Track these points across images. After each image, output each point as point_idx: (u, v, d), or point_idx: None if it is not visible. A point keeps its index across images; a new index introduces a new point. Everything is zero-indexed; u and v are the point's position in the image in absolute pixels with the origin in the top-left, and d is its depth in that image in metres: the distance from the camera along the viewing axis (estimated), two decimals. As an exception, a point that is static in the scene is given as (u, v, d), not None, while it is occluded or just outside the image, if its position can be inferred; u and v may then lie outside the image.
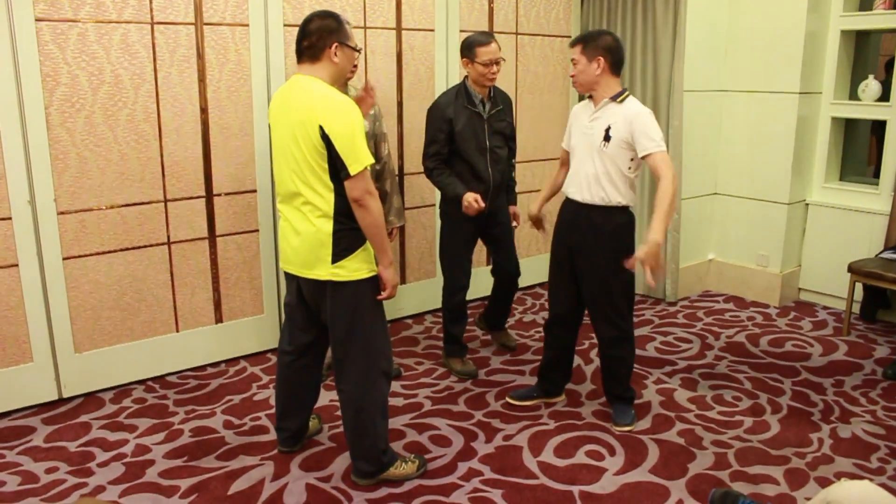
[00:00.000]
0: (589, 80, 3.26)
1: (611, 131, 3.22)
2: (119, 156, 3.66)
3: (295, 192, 2.77)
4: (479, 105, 3.77)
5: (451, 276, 3.98)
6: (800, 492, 2.96)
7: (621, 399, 3.54)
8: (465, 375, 4.00)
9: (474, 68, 3.69)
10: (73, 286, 3.63)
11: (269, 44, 4.00)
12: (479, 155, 3.78)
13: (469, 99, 3.76)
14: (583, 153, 3.33)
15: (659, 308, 5.15)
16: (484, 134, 3.79)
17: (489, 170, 3.81)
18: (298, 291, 2.98)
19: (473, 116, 3.76)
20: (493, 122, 3.82)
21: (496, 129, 3.85)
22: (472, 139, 3.75)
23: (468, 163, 3.77)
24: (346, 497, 2.93)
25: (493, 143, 3.82)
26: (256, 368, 4.10)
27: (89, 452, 3.24)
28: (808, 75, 4.95)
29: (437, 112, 3.76)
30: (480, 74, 3.69)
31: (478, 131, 3.77)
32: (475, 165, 3.78)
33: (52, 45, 3.40)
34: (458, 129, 3.72)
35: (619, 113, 3.22)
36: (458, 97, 3.76)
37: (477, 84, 3.75)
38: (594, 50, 3.21)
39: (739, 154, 5.31)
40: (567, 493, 2.95)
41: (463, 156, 3.77)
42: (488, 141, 3.80)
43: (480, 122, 3.78)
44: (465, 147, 3.74)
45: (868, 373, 4.08)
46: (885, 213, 4.77)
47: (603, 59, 3.20)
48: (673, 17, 4.86)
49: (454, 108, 3.73)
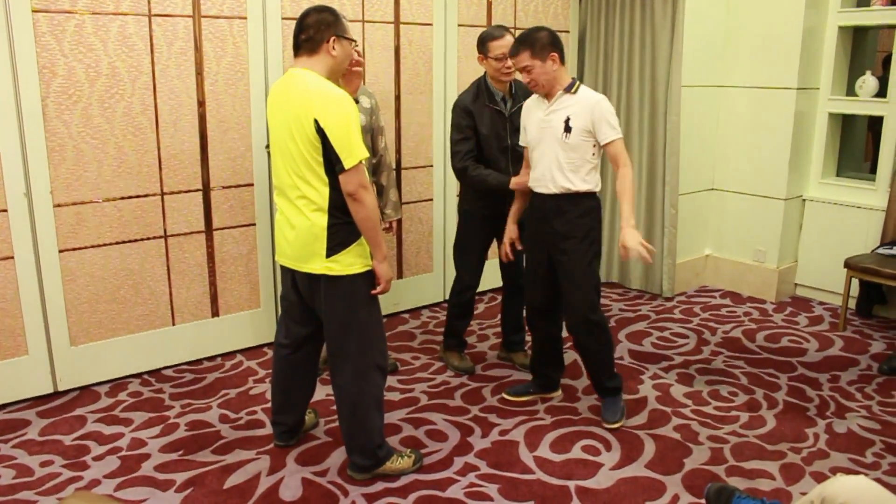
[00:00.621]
0: (549, 80, 3.24)
1: (570, 122, 3.22)
2: (116, 148, 3.65)
3: (290, 185, 2.76)
4: (501, 103, 3.69)
5: (462, 275, 3.95)
6: (795, 487, 2.97)
7: (608, 390, 3.49)
8: (463, 371, 3.99)
9: (489, 64, 3.62)
10: (69, 279, 3.62)
11: (267, 37, 3.99)
12: (500, 154, 3.70)
13: (490, 97, 3.67)
14: (544, 146, 3.31)
15: (655, 303, 5.15)
16: (506, 132, 3.70)
17: (510, 168, 3.71)
18: (294, 285, 2.98)
19: (495, 115, 3.67)
20: (516, 118, 3.66)
21: (518, 126, 3.64)
22: (493, 139, 3.67)
23: (488, 161, 3.70)
24: (342, 491, 2.93)
25: (515, 141, 3.67)
26: (253, 362, 4.10)
27: (84, 446, 3.23)
28: (805, 71, 4.95)
29: (461, 111, 3.67)
30: (496, 70, 3.60)
31: (499, 130, 3.69)
32: (496, 164, 3.69)
33: (48, 36, 3.39)
34: (482, 128, 3.66)
35: (577, 103, 3.23)
36: (479, 95, 3.68)
37: (495, 80, 3.67)
38: (543, 49, 3.20)
39: (737, 149, 5.32)
40: (563, 488, 2.95)
41: (484, 155, 3.70)
42: (510, 139, 3.70)
43: (502, 120, 3.69)
44: (488, 147, 3.67)
45: (864, 368, 4.09)
46: (881, 209, 4.78)
47: (555, 54, 3.21)
48: (671, 13, 4.85)
49: (476, 106, 3.65)
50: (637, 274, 5.39)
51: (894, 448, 3.27)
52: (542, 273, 3.46)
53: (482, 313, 4.89)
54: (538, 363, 3.68)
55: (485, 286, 4.66)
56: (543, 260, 3.44)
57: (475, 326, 4.60)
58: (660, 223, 5.16)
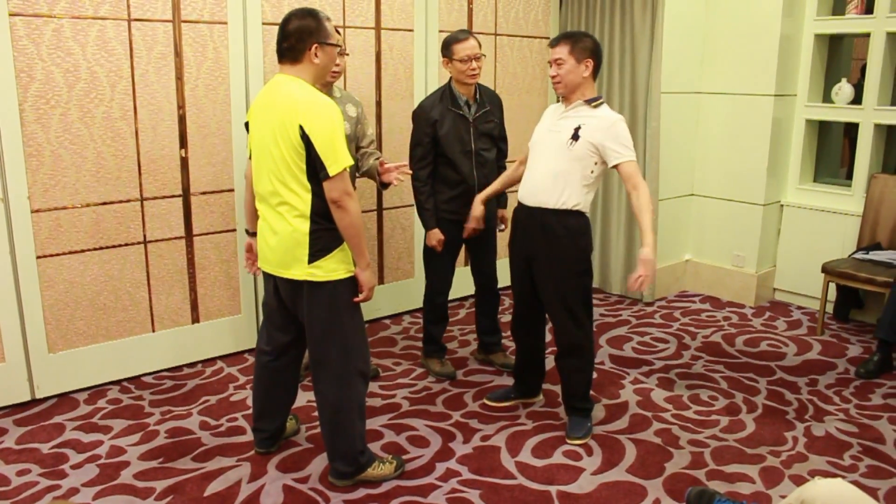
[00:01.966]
0: (575, 82, 3.17)
1: (580, 131, 3.14)
2: (95, 153, 3.62)
3: (272, 191, 2.75)
4: (465, 107, 3.73)
5: (433, 281, 3.98)
6: (775, 490, 2.99)
7: (577, 410, 3.43)
8: (444, 376, 4.00)
9: (454, 66, 3.65)
10: (48, 285, 3.59)
11: (247, 42, 3.98)
12: (463, 157, 3.74)
13: (454, 101, 3.71)
14: (543, 152, 3.26)
15: (636, 308, 5.18)
16: (469, 136, 3.74)
17: (474, 173, 3.77)
18: (276, 291, 2.97)
19: (458, 119, 3.71)
20: (480, 123, 3.77)
21: (483, 131, 3.79)
22: (456, 142, 3.70)
23: (452, 165, 3.74)
24: (323, 498, 2.92)
25: (479, 146, 3.77)
26: (233, 369, 4.07)
27: (62, 454, 3.20)
28: (782, 78, 5.01)
29: (421, 115, 3.72)
30: (460, 72, 3.63)
31: (462, 134, 3.72)
32: (460, 168, 3.74)
33: (26, 40, 3.36)
34: (443, 132, 3.68)
35: (594, 116, 3.16)
36: (442, 99, 3.72)
37: (459, 83, 3.70)
38: (583, 52, 3.14)
39: (716, 155, 5.36)
40: (545, 493, 2.96)
41: (447, 158, 3.73)
42: (474, 143, 3.76)
43: (465, 124, 3.73)
44: (450, 150, 3.70)
45: (841, 371, 4.13)
46: (857, 214, 4.84)
47: (592, 61, 3.16)
48: (651, 20, 4.89)
49: (439, 110, 3.69)
50: (617, 279, 5.42)
51: (871, 451, 3.30)
52: (528, 288, 3.42)
53: (463, 319, 4.89)
54: (520, 370, 3.69)
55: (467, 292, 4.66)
56: (528, 273, 3.39)
57: (456, 332, 4.61)
58: (640, 228, 5.18)
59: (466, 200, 3.74)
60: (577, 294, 3.28)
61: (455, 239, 3.87)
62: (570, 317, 3.30)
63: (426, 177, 3.75)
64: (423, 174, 3.74)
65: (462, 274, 4.46)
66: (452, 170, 3.74)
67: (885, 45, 4.67)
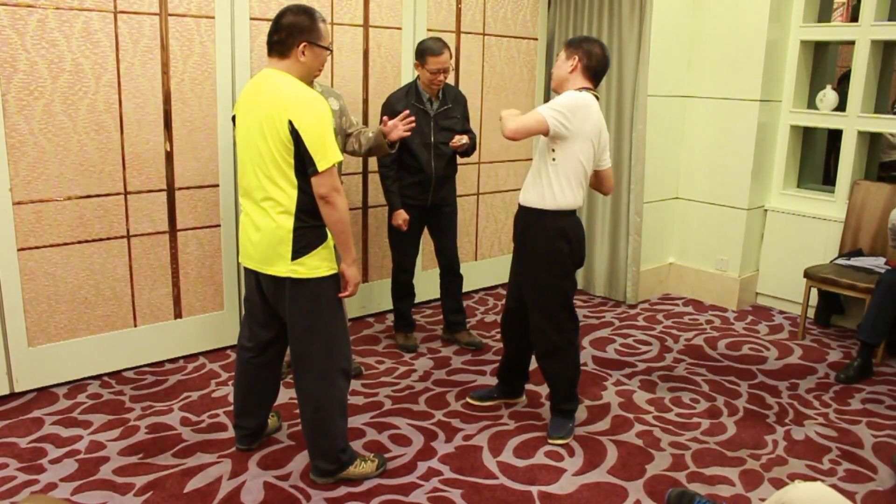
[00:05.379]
0: (560, 77, 3.24)
1: None
2: (78, 146, 3.59)
3: (257, 186, 2.74)
4: (427, 103, 4.07)
5: (397, 261, 4.32)
6: (755, 492, 3.01)
7: (561, 411, 3.44)
8: (406, 350, 4.32)
9: (423, 73, 3.98)
10: (28, 278, 3.55)
11: (234, 37, 3.95)
12: (422, 148, 4.06)
13: (418, 97, 4.06)
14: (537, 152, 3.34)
15: (619, 310, 5.20)
16: (429, 129, 4.07)
17: (432, 163, 4.09)
18: (258, 287, 2.95)
19: (420, 113, 4.00)
20: (440, 119, 4.10)
21: (443, 126, 4.10)
22: (416, 134, 3.94)
23: (412, 155, 4.04)
24: (304, 496, 2.91)
25: (439, 139, 4.09)
26: (215, 365, 4.05)
27: (41, 449, 3.17)
28: (768, 83, 5.04)
29: (388, 107, 4.02)
30: (427, 80, 3.99)
31: (423, 127, 4.02)
32: (419, 157, 4.06)
33: (9, 30, 3.32)
34: None
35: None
36: (408, 94, 4.06)
37: (425, 86, 4.04)
38: (575, 49, 3.20)
39: (701, 159, 5.39)
40: (526, 494, 2.96)
41: (408, 148, 4.01)
42: (433, 137, 4.08)
43: (426, 118, 4.06)
44: (411, 141, 3.94)
45: (821, 376, 4.16)
46: (839, 220, 4.88)
47: (578, 58, 3.18)
48: (638, 23, 4.91)
49: (403, 104, 3.98)
50: (601, 281, 5.43)
51: (850, 455, 3.33)
52: (517, 287, 3.46)
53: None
54: (504, 369, 3.69)
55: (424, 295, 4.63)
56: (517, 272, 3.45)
57: (438, 331, 4.60)
58: (624, 231, 5.21)
59: (425, 187, 4.12)
60: (555, 297, 3.29)
61: (417, 220, 4.20)
62: (548, 319, 3.31)
63: (391, 162, 4.06)
64: (388, 160, 4.05)
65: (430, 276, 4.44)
66: (413, 159, 4.06)
67: (869, 52, 4.72)
